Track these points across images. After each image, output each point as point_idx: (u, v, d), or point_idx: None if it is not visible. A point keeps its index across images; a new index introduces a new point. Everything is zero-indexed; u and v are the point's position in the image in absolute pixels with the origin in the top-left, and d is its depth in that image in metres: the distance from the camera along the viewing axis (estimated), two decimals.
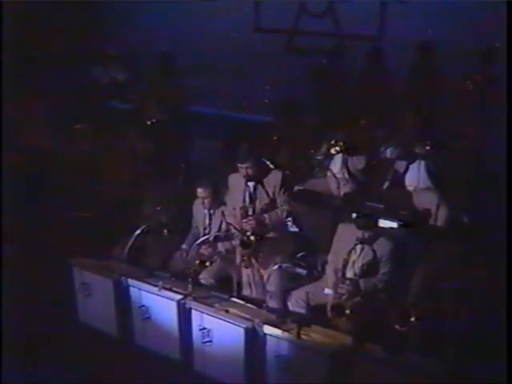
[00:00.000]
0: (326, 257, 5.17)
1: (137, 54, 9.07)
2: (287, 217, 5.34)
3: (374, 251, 4.82)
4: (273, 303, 5.10)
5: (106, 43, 9.20)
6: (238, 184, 5.24)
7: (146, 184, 6.24)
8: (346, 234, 4.96)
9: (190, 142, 7.79)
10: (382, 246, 4.86)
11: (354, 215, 4.89)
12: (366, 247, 4.83)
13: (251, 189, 5.14)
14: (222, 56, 8.68)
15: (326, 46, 8.07)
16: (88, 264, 5.56)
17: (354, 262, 4.87)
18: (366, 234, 4.81)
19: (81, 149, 6.65)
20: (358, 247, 4.83)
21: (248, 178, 5.10)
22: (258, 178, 5.12)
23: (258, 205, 5.15)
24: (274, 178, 5.17)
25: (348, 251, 4.79)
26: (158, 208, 5.75)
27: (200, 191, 5.57)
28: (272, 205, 5.17)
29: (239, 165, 5.09)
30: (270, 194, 5.15)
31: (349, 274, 4.84)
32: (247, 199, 5.13)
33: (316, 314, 4.86)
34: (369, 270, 4.87)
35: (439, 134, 6.32)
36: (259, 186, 5.14)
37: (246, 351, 4.76)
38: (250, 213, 5.12)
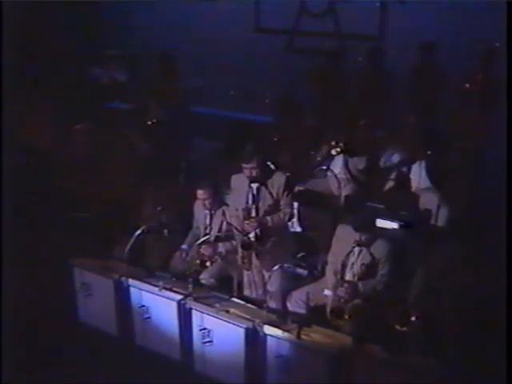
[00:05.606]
0: (327, 257, 5.17)
1: (137, 54, 9.08)
2: (290, 219, 5.33)
3: (371, 254, 4.82)
4: (273, 303, 5.10)
5: (106, 43, 9.20)
6: (240, 185, 5.21)
7: (146, 184, 6.23)
8: (345, 236, 4.94)
9: (190, 142, 7.78)
10: (380, 249, 4.85)
11: (351, 216, 4.88)
12: (364, 250, 4.82)
13: (254, 190, 5.11)
14: (222, 56, 8.68)
15: (326, 46, 8.06)
16: (88, 264, 5.56)
17: (352, 264, 4.86)
18: (363, 237, 4.76)
19: (81, 149, 6.64)
20: (356, 249, 4.82)
21: (252, 179, 5.06)
22: (262, 179, 5.09)
23: (261, 206, 5.13)
24: (277, 180, 5.14)
25: (346, 254, 4.78)
26: (159, 208, 5.74)
27: (200, 193, 5.55)
28: (275, 207, 5.15)
29: (244, 165, 5.05)
30: (274, 196, 5.13)
31: (348, 276, 4.83)
32: (250, 200, 5.11)
33: (316, 314, 4.87)
34: (367, 271, 4.87)
35: (439, 134, 6.32)
36: (262, 188, 5.11)
37: (247, 351, 4.76)
38: (253, 214, 5.10)
